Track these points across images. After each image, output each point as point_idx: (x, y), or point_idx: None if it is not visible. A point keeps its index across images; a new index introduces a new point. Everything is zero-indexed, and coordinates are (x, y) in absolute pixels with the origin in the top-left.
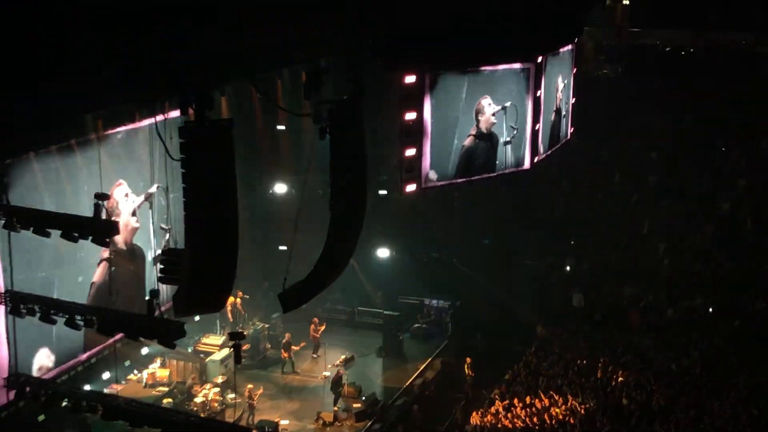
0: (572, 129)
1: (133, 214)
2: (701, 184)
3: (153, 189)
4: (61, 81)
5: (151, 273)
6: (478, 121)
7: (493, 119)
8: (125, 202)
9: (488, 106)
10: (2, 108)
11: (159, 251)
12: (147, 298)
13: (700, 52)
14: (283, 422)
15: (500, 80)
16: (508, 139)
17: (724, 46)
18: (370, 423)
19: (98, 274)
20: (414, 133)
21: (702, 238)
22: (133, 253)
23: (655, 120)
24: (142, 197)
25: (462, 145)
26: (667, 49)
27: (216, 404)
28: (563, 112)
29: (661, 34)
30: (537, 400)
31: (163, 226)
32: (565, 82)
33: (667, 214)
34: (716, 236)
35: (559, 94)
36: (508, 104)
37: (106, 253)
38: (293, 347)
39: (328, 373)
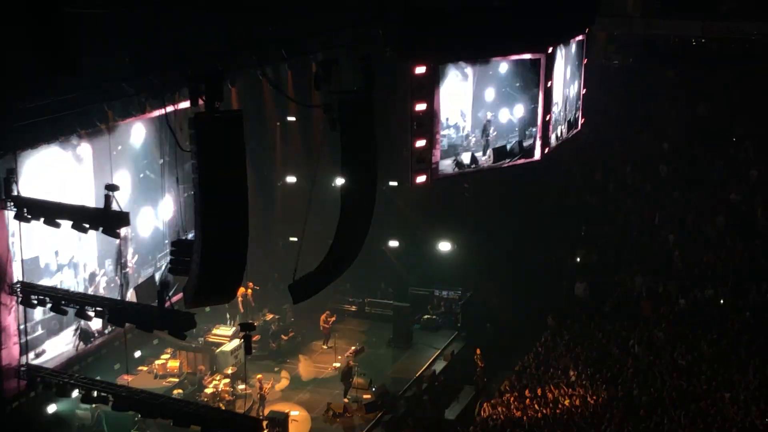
0: (583, 119)
1: None
2: (713, 175)
3: None
4: (73, 72)
5: None
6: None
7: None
8: None
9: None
10: (14, 99)
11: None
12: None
13: (711, 42)
14: (293, 413)
15: (510, 71)
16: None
17: (735, 36)
18: (380, 414)
19: None
20: (424, 124)
21: (713, 228)
22: None
23: (666, 110)
24: None
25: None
26: (678, 39)
27: (226, 395)
28: (574, 103)
29: (672, 24)
30: (548, 391)
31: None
32: (576, 72)
33: (679, 205)
34: (728, 226)
35: (570, 85)
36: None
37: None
38: (283, 336)
39: (338, 364)
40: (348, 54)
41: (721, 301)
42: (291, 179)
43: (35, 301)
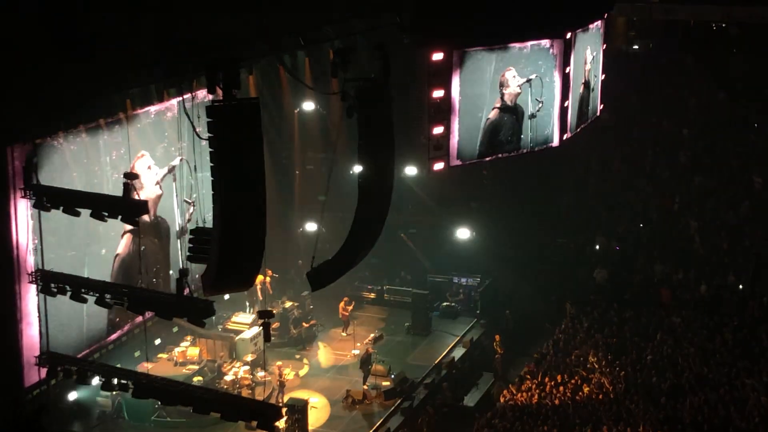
0: (602, 106)
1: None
2: (733, 161)
3: (176, 161)
4: (91, 60)
5: (176, 246)
6: (502, 93)
7: (518, 89)
8: (148, 174)
9: (513, 78)
10: (33, 88)
11: (183, 224)
12: (176, 276)
13: (731, 28)
14: (313, 400)
15: (528, 57)
16: (534, 112)
17: (756, 20)
18: (399, 401)
19: (122, 246)
20: (442, 111)
21: (733, 215)
22: (158, 226)
23: (686, 96)
24: (165, 169)
25: (487, 119)
26: (698, 24)
27: (246, 382)
28: (593, 89)
29: (691, 10)
30: (567, 378)
31: (187, 199)
32: (595, 58)
33: (699, 191)
34: (748, 213)
35: (589, 71)
36: (533, 77)
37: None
38: (304, 323)
39: (357, 351)
40: (365, 41)
41: (740, 287)
42: (309, 167)
43: (55, 290)
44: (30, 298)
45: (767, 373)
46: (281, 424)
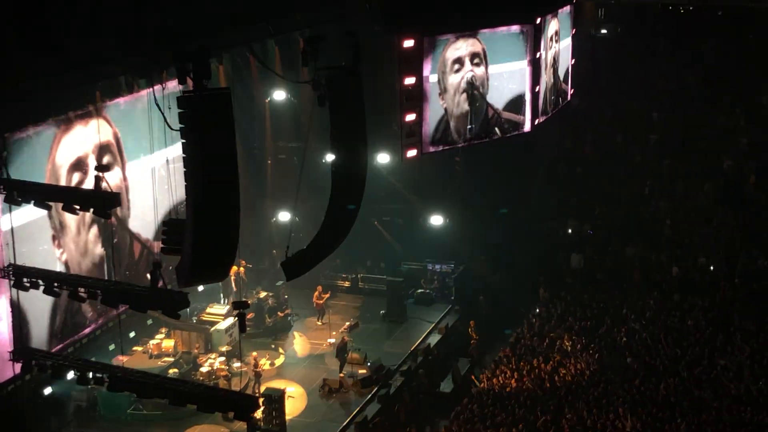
0: (572, 90)
1: None
2: (703, 143)
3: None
4: (60, 52)
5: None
6: (471, 77)
7: (483, 74)
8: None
9: (480, 62)
10: (1, 81)
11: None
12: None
13: (700, 10)
14: (289, 390)
15: (499, 42)
16: (499, 95)
17: (724, 3)
18: (375, 388)
19: None
20: (414, 98)
21: (704, 196)
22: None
23: (655, 79)
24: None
25: (456, 102)
26: (667, 7)
27: (222, 373)
28: (563, 74)
29: None
30: (542, 362)
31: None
32: (565, 43)
33: (669, 174)
34: (718, 195)
35: (559, 56)
36: (502, 63)
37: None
38: (279, 313)
39: (332, 340)
40: (335, 29)
41: (711, 268)
42: (281, 156)
43: (27, 284)
44: (2, 293)
45: (740, 352)
46: (258, 414)
